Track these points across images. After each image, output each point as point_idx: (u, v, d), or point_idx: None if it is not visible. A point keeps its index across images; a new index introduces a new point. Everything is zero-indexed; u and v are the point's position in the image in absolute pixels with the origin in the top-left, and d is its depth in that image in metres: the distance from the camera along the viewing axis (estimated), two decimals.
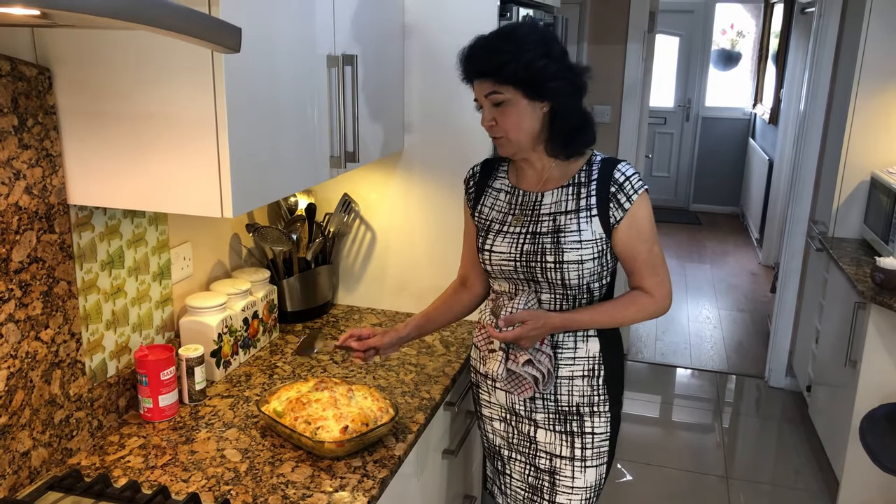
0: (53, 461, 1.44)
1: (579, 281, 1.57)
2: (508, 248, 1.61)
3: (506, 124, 1.52)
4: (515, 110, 1.50)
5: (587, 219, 1.56)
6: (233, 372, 1.87)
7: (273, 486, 1.40)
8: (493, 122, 1.53)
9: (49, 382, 1.42)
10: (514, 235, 1.61)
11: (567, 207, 1.58)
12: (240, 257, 2.12)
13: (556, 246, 1.56)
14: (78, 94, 1.35)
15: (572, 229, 1.56)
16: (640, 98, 4.11)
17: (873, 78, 3.17)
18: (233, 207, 1.32)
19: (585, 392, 1.65)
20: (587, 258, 1.56)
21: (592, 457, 1.68)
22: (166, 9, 0.86)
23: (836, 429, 3.04)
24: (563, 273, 1.56)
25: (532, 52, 1.46)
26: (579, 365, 1.64)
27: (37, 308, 1.37)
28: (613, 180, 1.55)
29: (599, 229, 1.55)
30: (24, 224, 1.33)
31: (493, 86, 1.49)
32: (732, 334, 4.71)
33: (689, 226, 7.33)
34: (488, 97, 1.51)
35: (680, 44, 7.60)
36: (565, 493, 1.70)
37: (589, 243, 1.55)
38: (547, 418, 1.68)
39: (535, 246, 1.58)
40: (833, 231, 3.36)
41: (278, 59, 1.44)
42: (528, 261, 1.59)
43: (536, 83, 1.48)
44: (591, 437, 1.67)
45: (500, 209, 1.67)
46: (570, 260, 1.55)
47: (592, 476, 1.69)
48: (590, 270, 1.57)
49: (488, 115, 1.53)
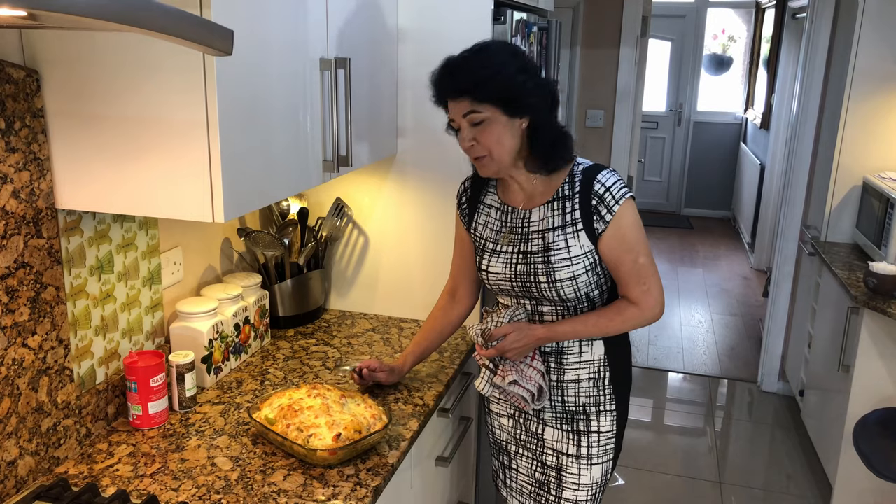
0: (40, 470, 1.42)
1: (576, 293, 1.58)
2: (503, 268, 1.62)
3: (487, 143, 1.49)
4: (495, 128, 1.48)
5: (574, 234, 1.55)
6: (224, 378, 1.84)
7: (265, 494, 1.38)
8: (473, 143, 1.50)
9: (36, 390, 1.39)
10: (507, 255, 1.62)
11: (554, 224, 1.57)
12: (231, 262, 2.09)
13: (547, 266, 1.56)
14: (67, 96, 1.33)
15: (561, 246, 1.55)
16: (633, 102, 4.11)
17: (865, 82, 3.18)
18: (224, 212, 1.30)
19: (592, 393, 1.66)
20: (579, 273, 1.56)
21: (599, 454, 1.69)
22: (157, 10, 0.85)
23: (829, 433, 3.04)
24: (557, 290, 1.57)
25: (510, 68, 1.45)
26: (585, 368, 1.65)
27: (24, 314, 1.35)
28: (594, 192, 1.53)
29: (587, 242, 1.55)
30: (11, 229, 1.31)
31: (471, 104, 1.46)
32: (725, 339, 4.72)
33: (680, 230, 7.35)
34: (466, 117, 1.48)
35: (671, 48, 7.62)
36: (572, 490, 1.71)
37: (579, 258, 1.55)
38: (554, 417, 1.69)
39: (527, 266, 1.58)
40: (825, 236, 3.37)
41: (271, 62, 1.42)
42: (523, 281, 1.59)
43: (515, 99, 1.46)
44: (597, 435, 1.68)
45: (492, 227, 1.67)
46: (563, 278, 1.55)
47: (598, 472, 1.70)
48: (585, 283, 1.57)
49: (468, 136, 1.50)
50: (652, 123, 7.72)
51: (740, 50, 7.54)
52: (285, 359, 1.97)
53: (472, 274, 1.79)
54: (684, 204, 7.94)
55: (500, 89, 1.44)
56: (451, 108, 1.51)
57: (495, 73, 1.44)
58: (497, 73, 1.44)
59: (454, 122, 1.52)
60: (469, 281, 1.81)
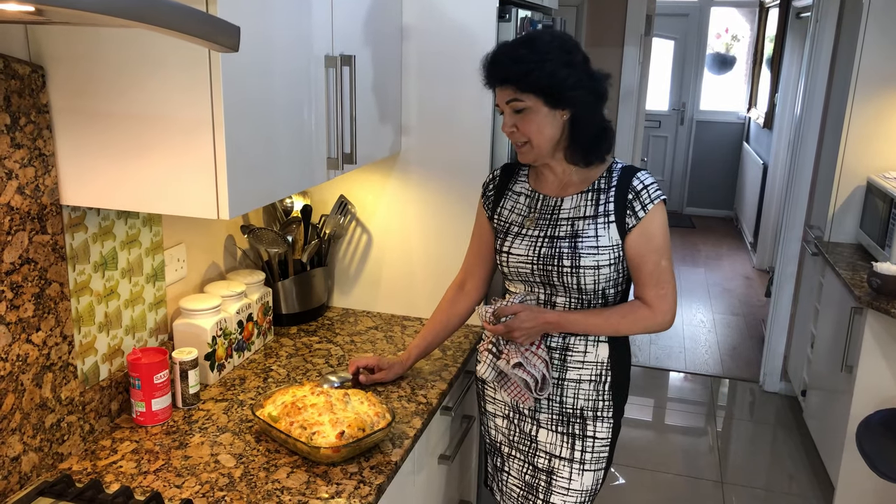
0: (44, 466, 1.42)
1: (595, 286, 1.58)
2: (526, 250, 1.63)
3: (527, 131, 1.54)
4: (536, 118, 1.52)
5: (605, 225, 1.57)
6: (227, 375, 1.84)
7: (268, 492, 1.38)
8: (513, 129, 1.56)
9: (40, 386, 1.39)
10: (531, 238, 1.63)
11: (585, 213, 1.59)
12: (234, 259, 2.09)
13: (573, 251, 1.57)
14: (72, 92, 1.32)
15: (590, 234, 1.57)
16: (637, 101, 4.11)
17: (870, 82, 3.17)
18: (229, 209, 1.30)
19: (591, 396, 1.65)
20: (603, 264, 1.57)
21: (591, 461, 1.68)
22: (164, 6, 0.85)
23: (831, 434, 3.03)
24: (579, 277, 1.57)
25: (554, 62, 1.48)
26: (588, 369, 1.64)
27: (28, 310, 1.35)
28: (631, 187, 1.57)
29: (616, 235, 1.57)
30: (16, 225, 1.30)
31: (515, 93, 1.51)
32: (727, 338, 4.71)
33: (683, 229, 7.34)
34: (509, 104, 1.53)
35: (675, 47, 7.61)
36: (560, 494, 1.70)
37: (606, 249, 1.56)
38: (550, 418, 1.68)
39: (552, 249, 1.59)
40: (829, 236, 3.36)
41: (276, 59, 1.42)
42: (546, 264, 1.60)
43: (557, 92, 1.49)
44: (592, 440, 1.67)
45: (519, 212, 1.69)
46: (587, 265, 1.56)
47: (589, 480, 1.69)
48: (605, 276, 1.58)
49: (509, 122, 1.56)
50: (655, 122, 7.71)
51: (743, 49, 7.53)
52: (288, 356, 1.97)
53: (486, 266, 1.81)
54: (686, 203, 7.93)
55: (543, 81, 1.48)
56: (498, 94, 1.56)
57: (540, 65, 1.47)
58: (541, 65, 1.47)
59: (499, 106, 1.57)
60: (481, 273, 1.82)
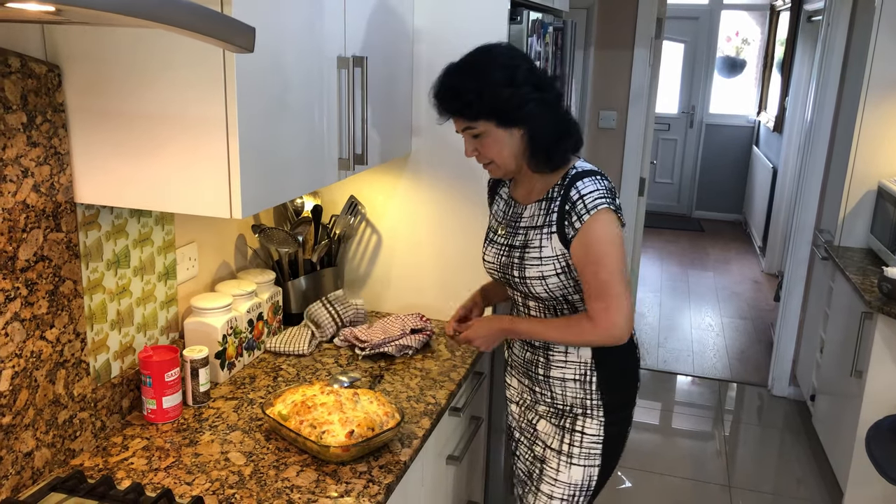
0: (56, 462, 1.43)
1: (549, 294, 1.60)
2: (494, 258, 1.69)
3: (487, 153, 1.57)
4: (493, 140, 1.55)
5: (548, 235, 1.57)
6: (237, 374, 1.85)
7: (278, 490, 1.39)
8: (475, 153, 1.59)
9: (53, 382, 1.40)
10: (499, 246, 1.69)
11: (537, 222, 1.60)
12: (245, 258, 2.10)
13: (521, 262, 1.61)
14: (87, 91, 1.34)
15: (535, 245, 1.59)
16: (647, 104, 4.09)
17: (881, 87, 3.16)
18: (242, 209, 1.31)
19: (578, 394, 1.67)
20: (549, 274, 1.58)
21: (580, 455, 1.69)
22: (182, 7, 0.85)
23: (840, 439, 3.02)
24: (527, 287, 1.62)
25: (495, 84, 1.48)
26: (570, 368, 1.66)
27: (42, 307, 1.36)
28: (569, 198, 1.54)
29: (560, 245, 1.56)
30: (32, 222, 1.32)
31: (466, 122, 1.54)
32: (735, 342, 4.70)
33: (691, 233, 7.32)
34: (465, 132, 1.56)
35: (685, 50, 7.59)
36: (549, 484, 1.73)
37: (549, 260, 1.57)
38: (548, 410, 1.73)
39: (509, 259, 1.64)
40: (839, 240, 3.35)
41: (289, 60, 1.42)
42: (504, 272, 1.66)
43: (505, 113, 1.50)
44: (580, 435, 1.68)
45: (498, 218, 1.73)
46: (532, 276, 1.59)
47: (578, 475, 1.70)
48: (556, 285, 1.58)
49: (469, 147, 1.59)
50: (664, 125, 7.70)
51: (754, 52, 7.50)
52: (298, 355, 1.97)
53: None
54: (695, 206, 7.91)
55: (489, 106, 1.49)
56: (454, 122, 1.58)
57: (479, 95, 1.48)
58: (482, 91, 1.48)
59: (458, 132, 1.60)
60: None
